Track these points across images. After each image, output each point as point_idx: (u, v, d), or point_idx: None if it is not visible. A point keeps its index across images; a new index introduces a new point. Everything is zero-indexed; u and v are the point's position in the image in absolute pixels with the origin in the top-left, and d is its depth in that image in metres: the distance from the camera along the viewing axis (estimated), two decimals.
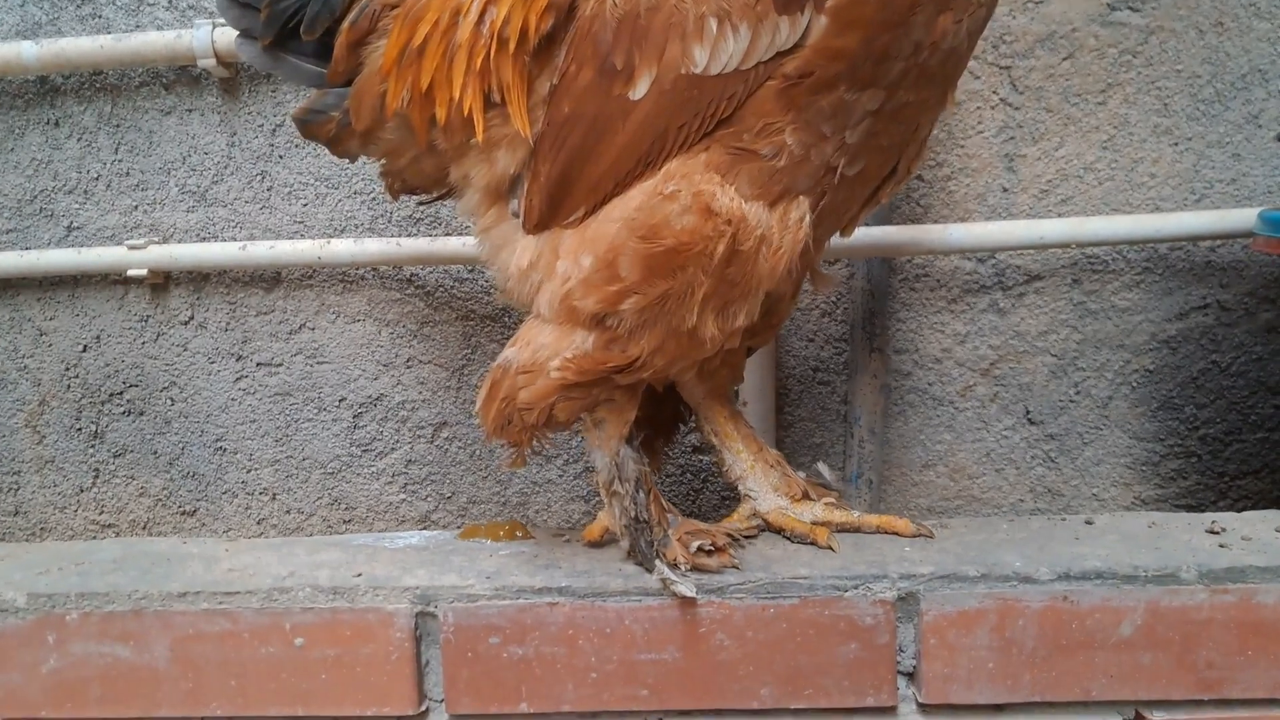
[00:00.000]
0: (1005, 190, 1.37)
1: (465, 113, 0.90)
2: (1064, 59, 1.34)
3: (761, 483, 1.00)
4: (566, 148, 0.87)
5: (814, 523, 0.99)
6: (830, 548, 0.95)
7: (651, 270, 0.83)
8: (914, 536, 0.98)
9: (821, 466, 1.13)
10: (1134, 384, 1.39)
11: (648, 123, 0.84)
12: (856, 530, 1.00)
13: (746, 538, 0.98)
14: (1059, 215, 1.37)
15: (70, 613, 0.93)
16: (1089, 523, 1.02)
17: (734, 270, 0.84)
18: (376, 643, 0.91)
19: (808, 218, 0.86)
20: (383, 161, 1.03)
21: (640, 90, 0.84)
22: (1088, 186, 1.37)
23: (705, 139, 0.84)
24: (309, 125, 1.01)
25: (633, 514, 0.91)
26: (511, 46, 0.88)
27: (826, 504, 1.00)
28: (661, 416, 1.05)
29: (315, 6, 0.95)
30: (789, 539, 0.99)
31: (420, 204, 1.15)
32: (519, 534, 1.04)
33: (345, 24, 0.95)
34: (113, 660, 0.92)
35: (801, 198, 0.86)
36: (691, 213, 0.82)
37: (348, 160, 1.05)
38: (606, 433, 0.93)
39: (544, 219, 0.89)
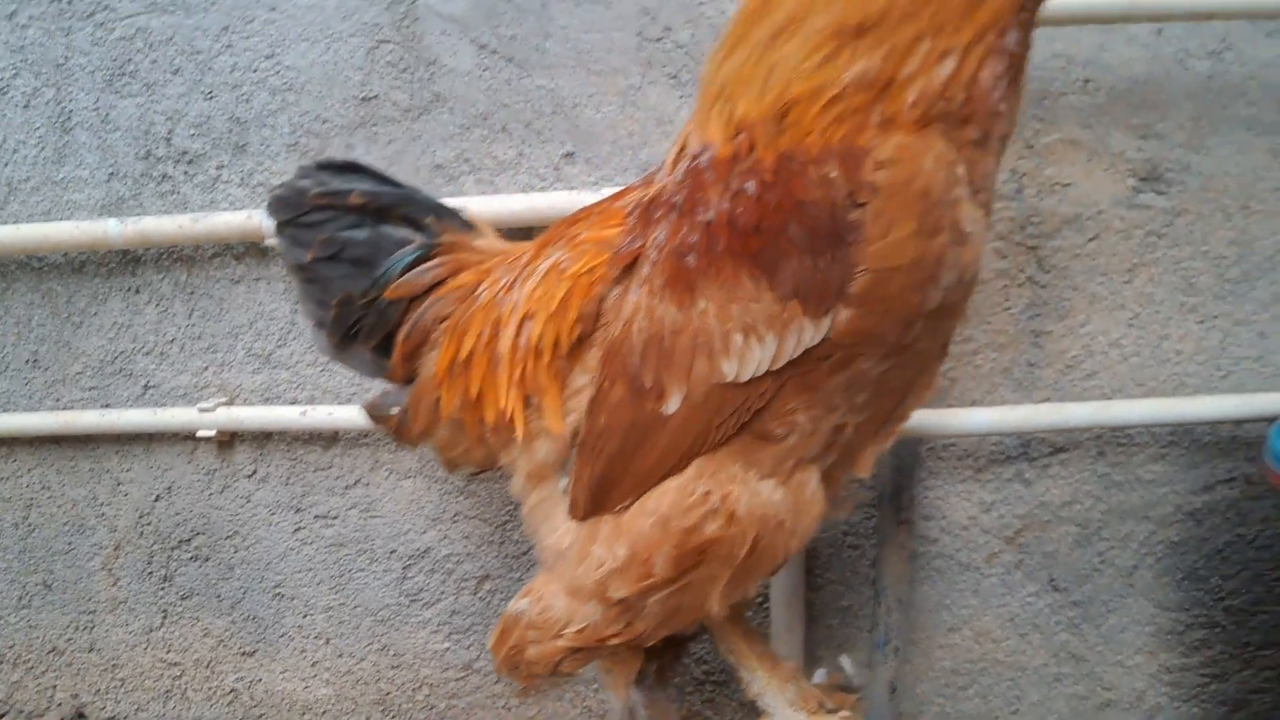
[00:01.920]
0: (1031, 365, 1.41)
1: (508, 417, 0.98)
2: (1090, 239, 1.38)
3: (778, 698, 1.05)
4: (605, 454, 0.93)
5: None
6: None
7: (679, 567, 0.89)
8: None
9: (844, 660, 1.18)
10: (1159, 555, 1.42)
11: (683, 431, 0.89)
12: None
13: None
14: (1085, 389, 1.40)
15: None
16: None
17: (753, 560, 0.90)
18: None
19: (820, 490, 0.91)
20: (439, 450, 1.11)
21: (672, 406, 0.89)
22: (1114, 362, 1.40)
23: (739, 429, 0.89)
24: (376, 417, 1.10)
25: None
26: (546, 358, 0.95)
27: (843, 717, 1.05)
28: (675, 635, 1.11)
29: (371, 319, 1.03)
30: None
31: (472, 475, 1.22)
32: None
33: (400, 337, 1.04)
34: None
35: (813, 467, 0.91)
36: (719, 516, 0.88)
37: (409, 448, 1.12)
38: (615, 680, 0.99)
39: (588, 513, 0.95)
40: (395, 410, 1.08)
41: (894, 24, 0.82)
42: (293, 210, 1.06)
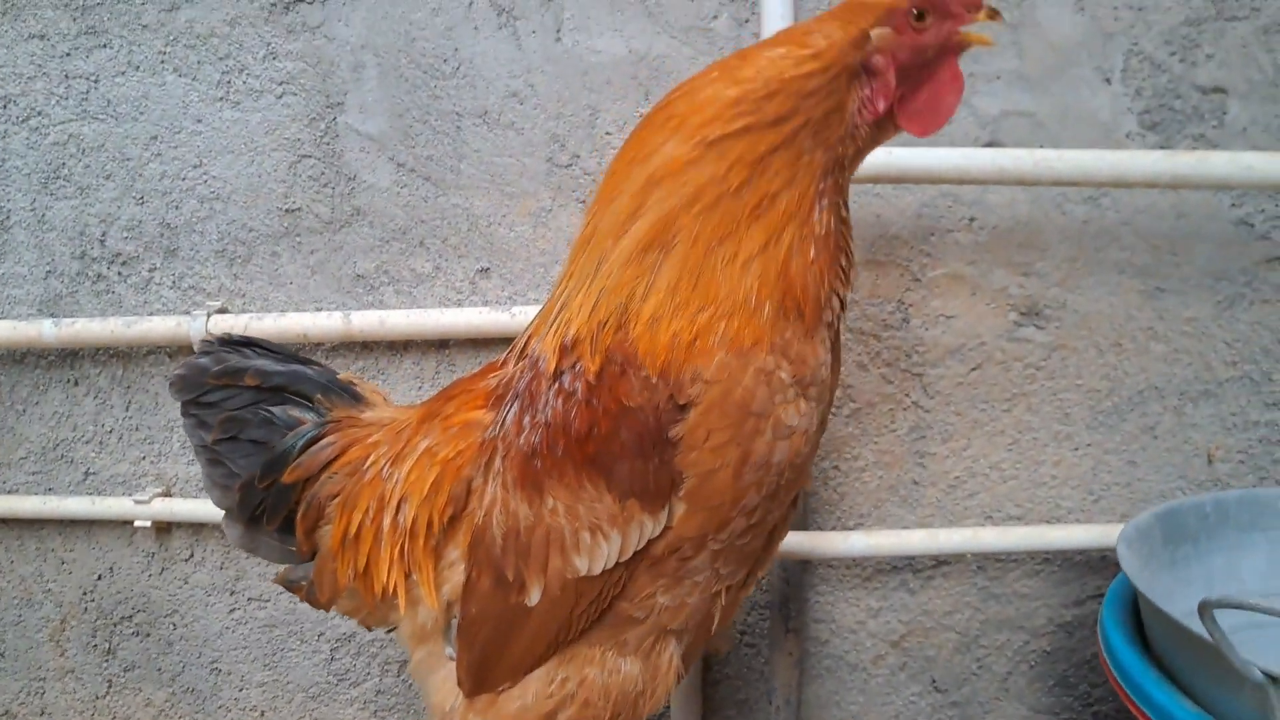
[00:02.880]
0: (916, 483, 1.49)
1: (391, 591, 1.06)
2: (973, 369, 1.45)
3: None
4: (479, 641, 1.00)
5: None
6: None
7: None
8: None
9: None
10: (1032, 662, 1.51)
11: (546, 621, 0.97)
12: None
13: None
14: (966, 509, 1.48)
15: None
16: None
17: None
18: None
19: (678, 658, 1.00)
20: (349, 615, 1.17)
21: (534, 598, 0.96)
22: (993, 484, 1.48)
23: (601, 614, 0.97)
24: (289, 587, 1.17)
25: None
26: (421, 540, 1.03)
27: None
28: None
29: (272, 500, 1.10)
30: None
31: (388, 632, 1.29)
32: None
33: (298, 515, 1.10)
34: None
35: (673, 638, 1.00)
36: (575, 702, 0.97)
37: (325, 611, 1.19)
38: None
39: (472, 692, 1.02)
40: (304, 582, 1.16)
41: (687, 241, 0.89)
42: (194, 390, 1.12)
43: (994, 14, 0.89)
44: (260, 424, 1.11)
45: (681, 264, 0.89)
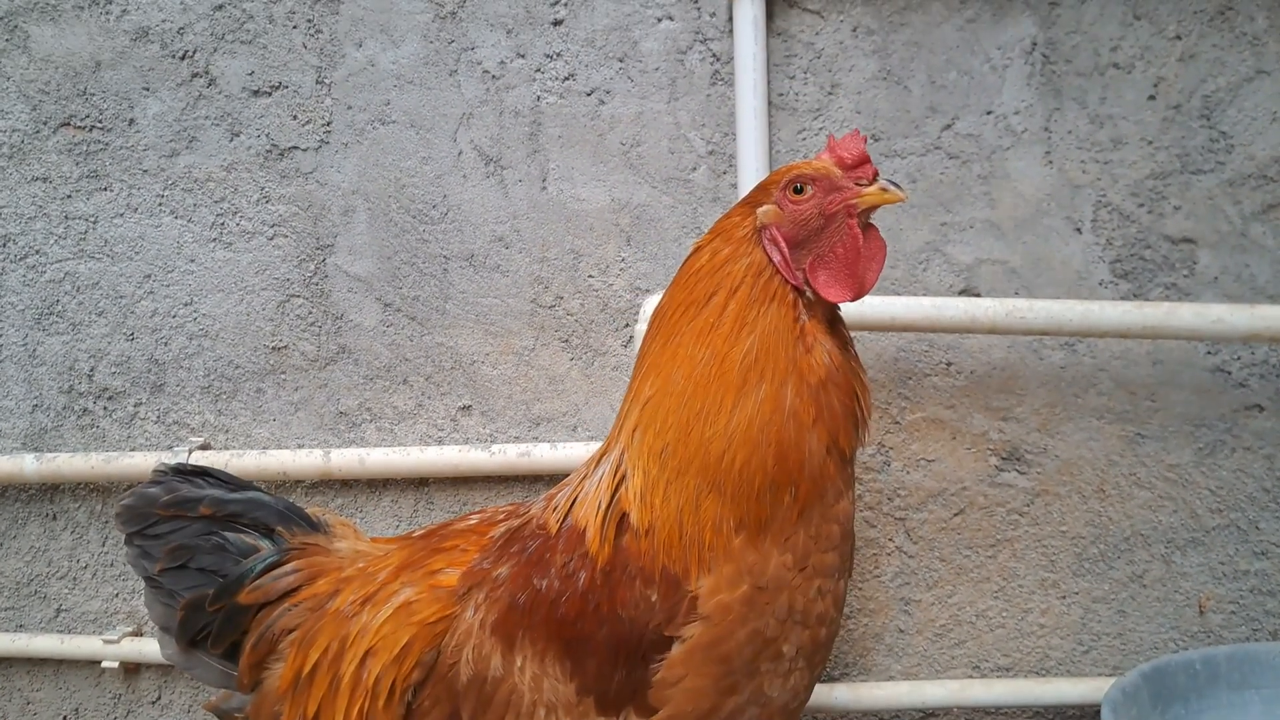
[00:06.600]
0: (902, 631, 1.46)
1: None
2: (955, 514, 1.44)
3: None
4: None
5: None
6: None
7: None
8: None
9: None
10: None
11: None
12: None
13: None
14: (953, 658, 1.44)
15: None
16: None
17: None
18: None
19: None
20: None
21: None
22: (980, 632, 1.44)
23: None
24: (222, 716, 1.13)
25: None
26: (381, 701, 1.00)
27: None
28: None
29: (220, 623, 1.06)
30: None
31: None
32: None
33: (247, 645, 1.06)
34: None
35: None
36: None
37: None
38: None
39: None
40: (239, 715, 1.12)
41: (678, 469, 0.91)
42: (141, 520, 1.08)
43: (885, 191, 0.90)
44: (211, 550, 1.07)
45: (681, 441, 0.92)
